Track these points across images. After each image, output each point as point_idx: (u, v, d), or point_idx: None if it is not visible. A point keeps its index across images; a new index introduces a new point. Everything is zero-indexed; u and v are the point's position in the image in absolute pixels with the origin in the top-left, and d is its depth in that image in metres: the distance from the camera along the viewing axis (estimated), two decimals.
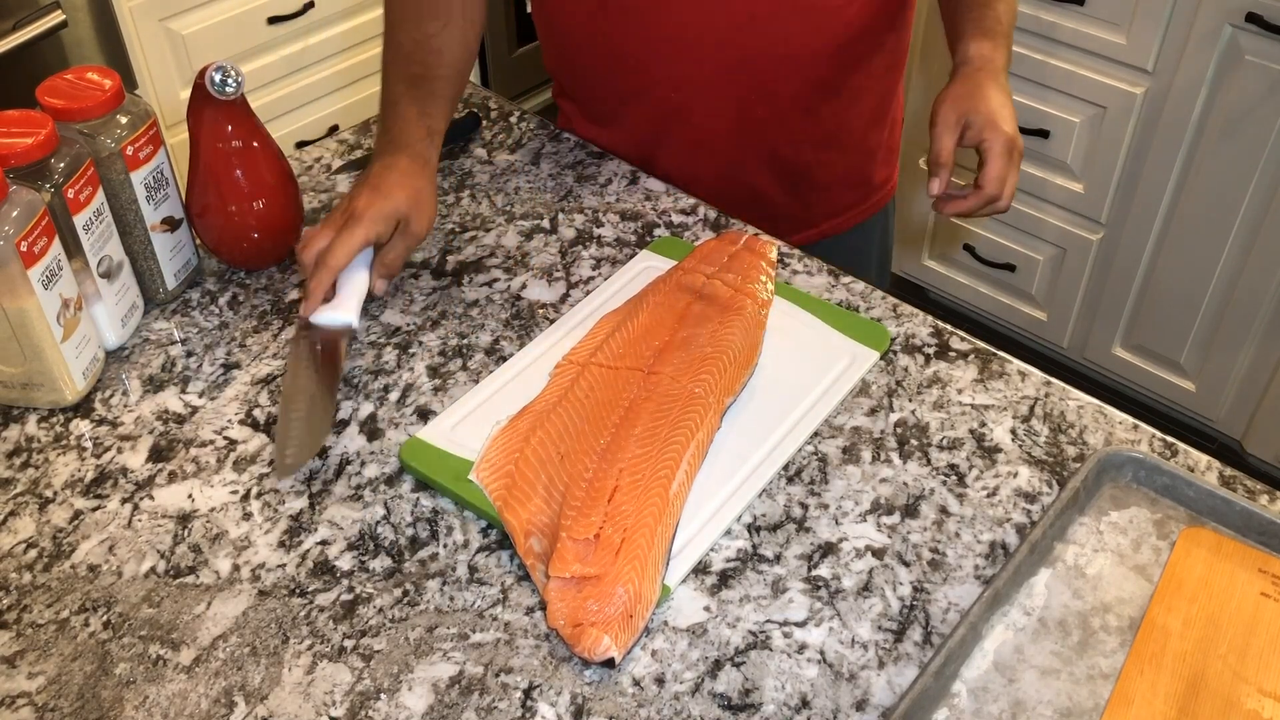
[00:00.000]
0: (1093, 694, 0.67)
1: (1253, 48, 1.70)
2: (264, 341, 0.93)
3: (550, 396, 0.84)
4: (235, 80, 0.91)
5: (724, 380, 0.84)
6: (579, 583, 0.70)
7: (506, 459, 0.79)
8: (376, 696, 0.67)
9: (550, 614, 0.70)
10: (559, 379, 0.86)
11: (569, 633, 0.68)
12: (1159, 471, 0.79)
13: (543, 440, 0.80)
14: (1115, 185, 1.97)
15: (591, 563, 0.71)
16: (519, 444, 0.80)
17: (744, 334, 0.89)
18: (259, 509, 0.79)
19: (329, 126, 2.28)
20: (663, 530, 0.74)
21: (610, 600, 0.69)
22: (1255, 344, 1.92)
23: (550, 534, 0.74)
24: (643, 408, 0.82)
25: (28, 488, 0.80)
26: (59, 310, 0.83)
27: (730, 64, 1.05)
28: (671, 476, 0.77)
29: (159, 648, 0.70)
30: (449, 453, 0.81)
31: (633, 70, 1.09)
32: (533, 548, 0.74)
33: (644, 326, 0.90)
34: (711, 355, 0.86)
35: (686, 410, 0.81)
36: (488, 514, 0.77)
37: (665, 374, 0.85)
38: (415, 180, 0.94)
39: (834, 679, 0.68)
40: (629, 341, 0.89)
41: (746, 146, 1.12)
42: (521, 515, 0.75)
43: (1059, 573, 0.74)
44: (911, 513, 0.78)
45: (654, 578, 0.71)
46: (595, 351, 0.88)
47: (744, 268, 0.96)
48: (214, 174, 0.94)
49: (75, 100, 0.86)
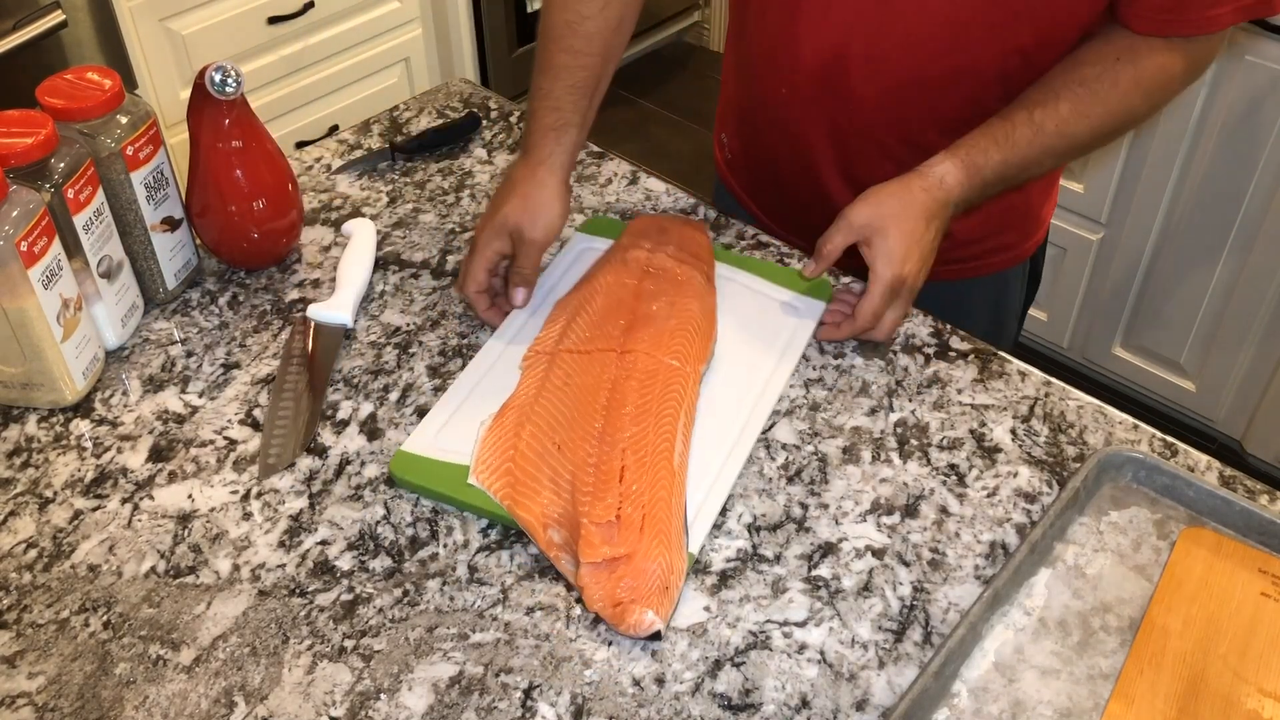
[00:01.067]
0: (1093, 694, 0.67)
1: (1253, 48, 1.70)
2: (264, 341, 0.93)
3: (528, 389, 0.84)
4: (235, 80, 0.91)
5: (695, 349, 0.87)
6: (610, 564, 0.71)
7: (502, 457, 0.79)
8: (376, 696, 0.67)
9: (588, 599, 0.70)
10: (531, 371, 0.86)
11: (611, 613, 0.70)
12: (1159, 471, 0.79)
13: (534, 433, 0.80)
14: (1115, 185, 1.97)
15: (619, 543, 0.72)
16: (511, 440, 0.80)
17: (700, 301, 0.91)
18: (259, 509, 0.79)
19: (329, 126, 2.28)
20: (676, 501, 0.75)
21: (644, 576, 0.71)
22: (1255, 344, 1.92)
23: (568, 523, 0.74)
24: (626, 386, 0.83)
25: (28, 488, 0.80)
26: (59, 310, 0.83)
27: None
28: (672, 448, 0.78)
29: (159, 648, 0.70)
30: (440, 460, 0.80)
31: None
32: (553, 539, 0.74)
33: (603, 308, 0.91)
34: (677, 327, 0.88)
35: (669, 383, 0.83)
36: (494, 514, 0.77)
37: (639, 351, 0.86)
38: (526, 186, 0.91)
39: (834, 679, 0.68)
40: (593, 324, 0.89)
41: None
42: (534, 510, 0.75)
43: (1059, 573, 0.74)
44: (911, 513, 0.78)
45: (679, 547, 0.73)
46: (561, 339, 0.88)
47: (681, 239, 0.98)
48: (214, 174, 0.94)
49: (75, 100, 0.86)
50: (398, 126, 1.21)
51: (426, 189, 1.11)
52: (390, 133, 1.20)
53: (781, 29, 0.98)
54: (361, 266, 0.98)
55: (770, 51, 1.01)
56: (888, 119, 0.96)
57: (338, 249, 1.03)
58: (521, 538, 0.76)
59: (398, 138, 1.18)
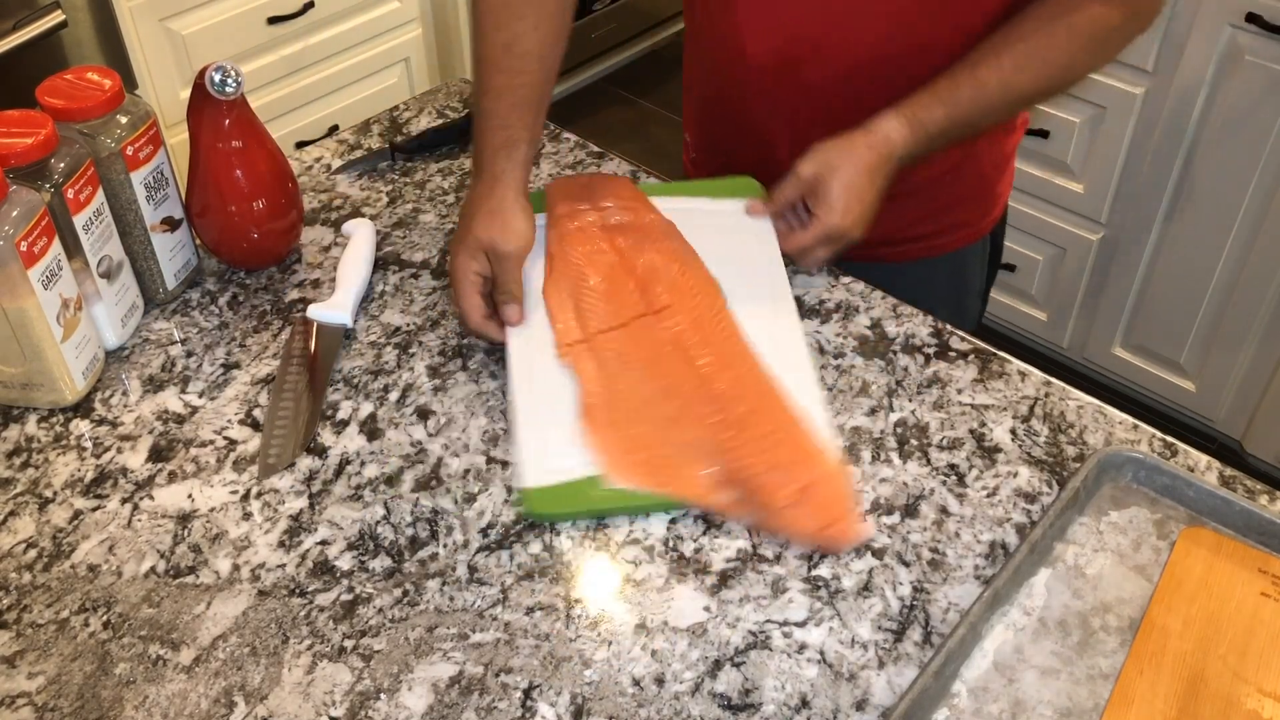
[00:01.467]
0: (1093, 694, 0.67)
1: (1253, 48, 1.70)
2: (264, 341, 0.93)
3: (593, 382, 0.84)
4: (235, 80, 0.91)
5: (709, 281, 0.91)
6: (798, 498, 0.75)
7: (627, 451, 0.79)
8: (376, 696, 0.67)
9: (799, 535, 0.75)
10: (581, 363, 0.86)
11: (825, 538, 0.75)
12: (1159, 471, 0.79)
13: (636, 419, 0.81)
14: (1115, 185, 1.97)
15: (794, 478, 0.76)
16: (622, 433, 0.80)
17: (677, 240, 0.95)
18: (259, 509, 0.79)
19: (329, 126, 2.28)
20: (801, 419, 0.80)
21: (832, 496, 0.76)
22: (1255, 344, 1.92)
23: (732, 479, 0.77)
24: (688, 340, 0.85)
25: (28, 488, 0.80)
26: (59, 310, 0.83)
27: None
28: (766, 378, 0.83)
29: (159, 648, 0.70)
30: (568, 483, 0.78)
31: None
32: (724, 501, 0.76)
33: (603, 279, 0.92)
34: (681, 270, 0.91)
35: (717, 321, 0.87)
36: (651, 506, 0.78)
37: (671, 306, 0.88)
38: (489, 203, 0.91)
39: (834, 679, 0.68)
40: (605, 298, 0.90)
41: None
42: (694, 483, 0.77)
43: (1059, 573, 0.74)
44: (911, 513, 0.78)
45: (837, 458, 0.79)
46: (585, 324, 0.88)
47: (609, 191, 1.00)
48: (214, 174, 0.94)
49: (75, 100, 0.86)
50: (398, 126, 1.21)
51: (426, 189, 1.11)
52: (390, 133, 1.20)
53: (725, 22, 1.01)
54: (361, 266, 0.98)
55: (718, 46, 1.04)
56: (844, 104, 0.98)
57: (338, 249, 1.03)
58: (521, 537, 0.76)
59: (398, 138, 1.18)
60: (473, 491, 0.80)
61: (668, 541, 0.76)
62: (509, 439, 0.83)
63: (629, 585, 0.73)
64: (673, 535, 0.77)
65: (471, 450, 0.83)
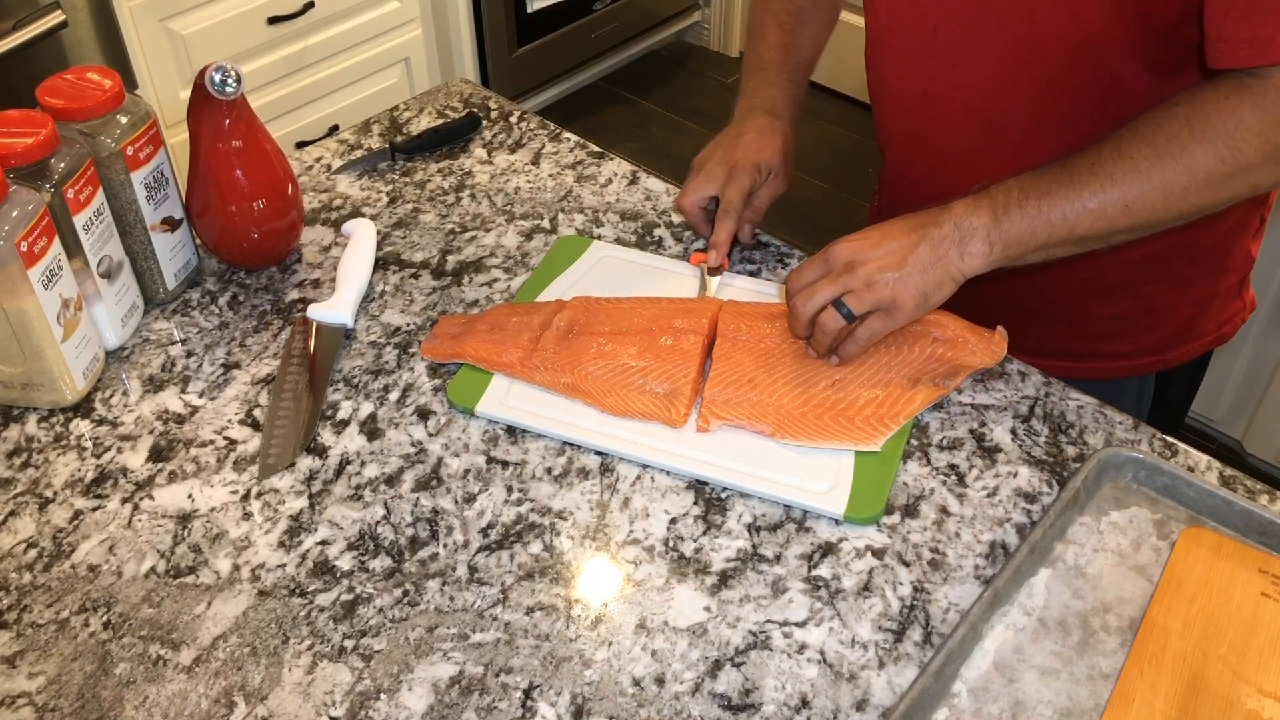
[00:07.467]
0: (1093, 694, 0.67)
1: None
2: (264, 341, 0.93)
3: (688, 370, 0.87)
4: (235, 80, 0.91)
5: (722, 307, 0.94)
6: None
7: (794, 404, 0.85)
8: (376, 696, 0.67)
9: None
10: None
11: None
12: (1159, 471, 0.79)
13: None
14: None
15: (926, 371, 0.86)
16: (764, 395, 0.85)
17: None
18: (259, 509, 0.79)
19: (329, 126, 2.28)
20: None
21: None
22: (1255, 344, 1.92)
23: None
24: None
25: (28, 488, 0.80)
26: (59, 310, 0.83)
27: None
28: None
29: (159, 648, 0.70)
30: None
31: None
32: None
33: (568, 314, 0.93)
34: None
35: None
36: None
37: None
38: (776, 138, 1.00)
39: (834, 679, 0.68)
40: (597, 315, 0.93)
41: None
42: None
43: (1059, 573, 0.74)
44: (912, 513, 0.78)
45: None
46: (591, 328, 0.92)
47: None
48: (214, 174, 0.94)
49: (75, 100, 0.86)
50: (398, 126, 1.21)
51: (426, 189, 1.11)
52: (390, 133, 1.20)
53: (891, 81, 1.00)
54: (361, 266, 0.98)
55: (898, 113, 1.02)
56: (1032, 137, 0.90)
57: (338, 249, 1.03)
58: (522, 538, 0.76)
59: (398, 138, 1.18)
60: (473, 491, 0.80)
61: (668, 541, 0.76)
62: (509, 439, 0.83)
63: (629, 585, 0.74)
64: (673, 535, 0.77)
65: (471, 450, 0.83)
